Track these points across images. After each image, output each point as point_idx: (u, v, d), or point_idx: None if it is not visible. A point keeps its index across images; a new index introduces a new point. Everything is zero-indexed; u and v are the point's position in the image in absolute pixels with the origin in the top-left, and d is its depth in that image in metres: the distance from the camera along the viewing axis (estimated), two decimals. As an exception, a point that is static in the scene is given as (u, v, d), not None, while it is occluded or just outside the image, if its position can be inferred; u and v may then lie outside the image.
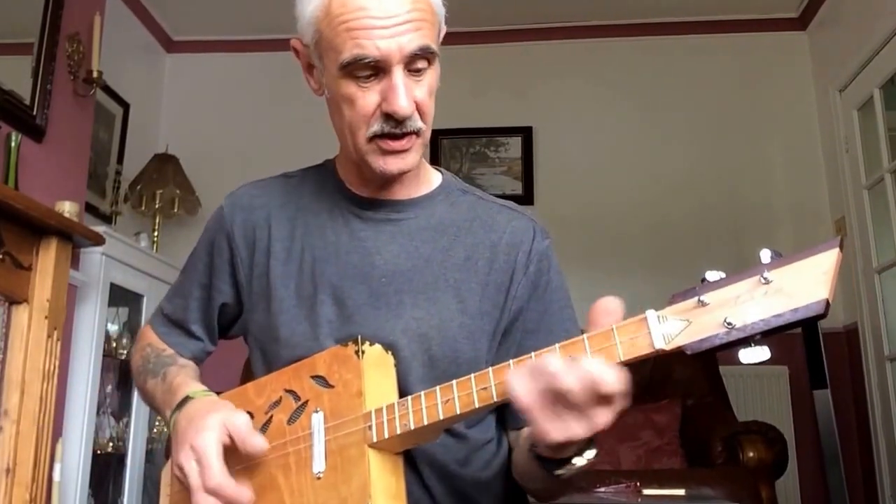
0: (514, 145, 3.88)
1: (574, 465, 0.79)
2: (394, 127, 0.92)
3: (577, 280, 1.12)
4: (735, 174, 3.73)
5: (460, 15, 1.00)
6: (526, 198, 3.73)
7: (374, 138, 0.93)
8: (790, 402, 3.44)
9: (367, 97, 0.91)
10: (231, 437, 0.85)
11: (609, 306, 0.75)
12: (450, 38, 1.00)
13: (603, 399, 0.70)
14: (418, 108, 0.93)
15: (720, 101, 3.81)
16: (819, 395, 3.37)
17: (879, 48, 3.10)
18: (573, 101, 3.89)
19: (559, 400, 0.71)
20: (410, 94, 0.91)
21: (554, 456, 0.79)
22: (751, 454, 2.63)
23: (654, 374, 3.11)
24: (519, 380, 0.73)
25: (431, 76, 0.94)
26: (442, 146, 3.88)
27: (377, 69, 0.90)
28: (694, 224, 3.68)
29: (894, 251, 3.06)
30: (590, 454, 0.79)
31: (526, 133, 3.88)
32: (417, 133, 0.94)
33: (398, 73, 0.90)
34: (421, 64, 0.92)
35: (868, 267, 3.24)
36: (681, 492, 2.38)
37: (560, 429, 0.71)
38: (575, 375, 0.69)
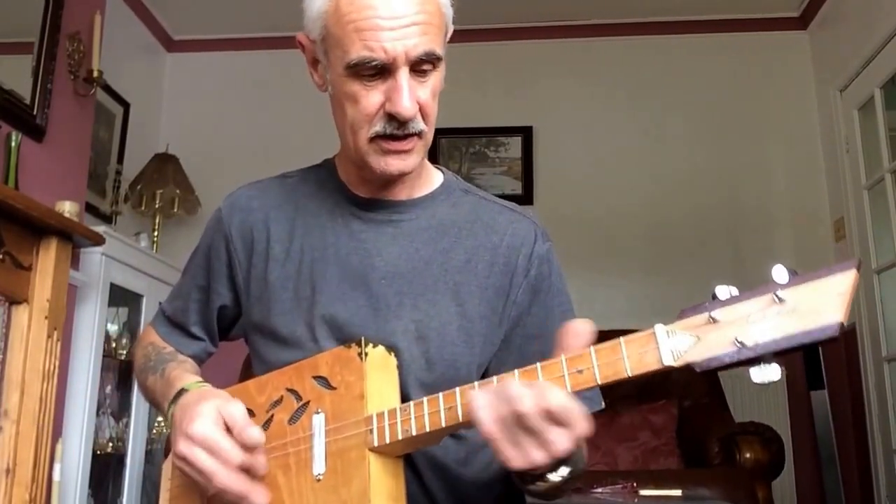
0: (514, 145, 3.88)
1: (548, 480, 0.78)
2: (396, 128, 0.92)
3: (575, 280, 1.12)
4: (735, 174, 3.74)
5: (460, 12, 1.00)
6: (525, 198, 3.73)
7: (375, 138, 0.93)
8: (787, 403, 3.44)
9: (371, 96, 0.91)
10: (227, 427, 0.84)
11: (579, 328, 0.76)
12: (451, 36, 1.00)
13: (560, 424, 0.71)
14: (421, 110, 0.93)
15: (720, 101, 3.82)
16: (816, 395, 3.37)
17: (880, 48, 3.10)
18: (573, 100, 3.90)
19: (518, 425, 0.72)
20: (414, 96, 0.91)
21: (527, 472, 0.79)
22: (747, 455, 2.64)
23: (650, 376, 3.11)
24: (483, 406, 0.74)
25: (436, 78, 0.94)
26: (441, 146, 3.88)
27: (383, 70, 0.90)
28: (693, 223, 3.68)
29: (893, 252, 3.07)
30: (564, 471, 0.78)
31: (526, 133, 3.88)
32: (419, 135, 0.94)
33: (403, 75, 0.90)
34: (426, 66, 0.92)
35: (867, 268, 3.24)
36: (677, 492, 2.38)
37: (520, 456, 0.72)
38: (532, 398, 0.71)
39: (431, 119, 0.95)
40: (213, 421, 0.84)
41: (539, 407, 0.70)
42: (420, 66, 0.91)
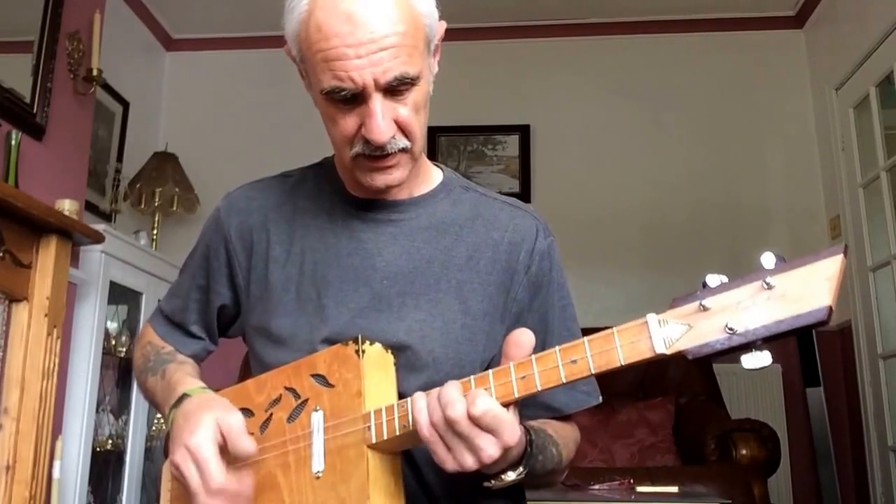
0: (512, 143, 3.90)
1: (503, 479, 0.82)
2: (373, 150, 0.92)
3: (573, 277, 1.12)
4: (731, 172, 3.75)
5: (459, 11, 1.00)
6: (523, 196, 3.73)
7: (357, 157, 0.93)
8: (783, 400, 3.46)
9: (348, 120, 0.91)
10: (224, 437, 0.85)
11: (521, 339, 0.79)
12: (448, 35, 0.99)
13: (488, 431, 0.75)
14: (402, 128, 0.92)
15: (717, 99, 3.83)
16: (812, 392, 3.39)
17: (875, 46, 3.12)
18: (570, 99, 3.91)
19: (452, 430, 0.76)
20: (389, 119, 0.90)
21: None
22: (744, 452, 2.65)
23: (647, 372, 3.13)
24: (421, 409, 0.78)
25: (417, 93, 0.92)
26: (439, 144, 3.89)
27: (355, 96, 0.89)
28: (690, 222, 3.70)
29: (888, 249, 3.08)
30: (519, 471, 0.82)
31: (523, 131, 3.89)
32: (404, 149, 0.93)
33: (376, 101, 0.88)
34: (402, 87, 0.89)
35: (862, 265, 3.26)
36: (674, 489, 2.39)
37: (451, 459, 0.77)
38: (462, 405, 0.75)
39: (416, 133, 0.94)
40: (211, 436, 0.85)
41: (468, 413, 0.74)
42: (394, 87, 0.89)
